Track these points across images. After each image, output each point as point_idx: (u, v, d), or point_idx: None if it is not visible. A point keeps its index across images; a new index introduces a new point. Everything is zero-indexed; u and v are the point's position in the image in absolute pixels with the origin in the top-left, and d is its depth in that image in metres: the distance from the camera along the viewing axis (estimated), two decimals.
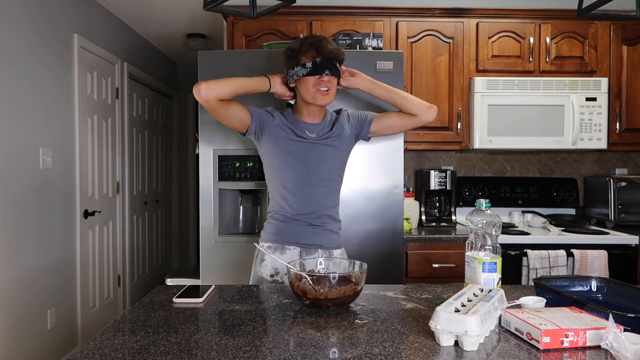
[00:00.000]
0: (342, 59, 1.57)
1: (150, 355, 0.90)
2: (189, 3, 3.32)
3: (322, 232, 1.62)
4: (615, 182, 2.71)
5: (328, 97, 1.54)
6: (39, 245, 2.59)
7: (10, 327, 2.34)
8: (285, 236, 1.61)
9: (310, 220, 1.61)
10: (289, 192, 1.60)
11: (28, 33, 2.49)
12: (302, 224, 1.60)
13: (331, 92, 1.55)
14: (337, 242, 1.68)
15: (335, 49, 1.53)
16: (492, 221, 1.26)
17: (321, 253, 1.62)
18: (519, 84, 2.61)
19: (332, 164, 1.63)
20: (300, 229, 1.61)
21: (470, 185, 2.95)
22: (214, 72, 2.13)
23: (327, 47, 1.51)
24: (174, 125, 5.24)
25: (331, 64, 1.52)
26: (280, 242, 1.61)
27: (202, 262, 2.16)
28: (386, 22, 2.69)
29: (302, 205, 1.60)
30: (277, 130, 1.59)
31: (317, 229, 1.62)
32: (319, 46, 1.51)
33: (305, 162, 1.59)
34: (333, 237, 1.66)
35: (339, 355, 0.90)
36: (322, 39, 1.53)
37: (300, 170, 1.59)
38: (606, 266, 2.32)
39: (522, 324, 0.97)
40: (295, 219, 1.60)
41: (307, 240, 1.61)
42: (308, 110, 1.61)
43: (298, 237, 1.61)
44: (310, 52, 1.51)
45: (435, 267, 2.37)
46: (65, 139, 2.85)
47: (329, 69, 1.51)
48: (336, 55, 1.54)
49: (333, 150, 1.62)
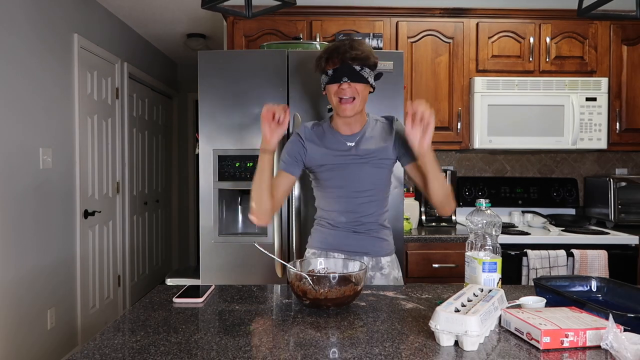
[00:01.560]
0: (371, 62, 1.45)
1: (150, 355, 0.90)
2: (189, 3, 3.32)
3: (367, 239, 1.56)
4: (615, 182, 2.71)
5: (350, 108, 1.45)
6: (39, 245, 2.59)
7: (10, 327, 2.34)
8: (330, 244, 1.57)
9: (355, 228, 1.55)
10: (330, 202, 1.57)
11: (28, 33, 2.49)
12: (345, 232, 1.56)
13: (356, 102, 1.45)
14: (386, 249, 1.60)
15: (359, 54, 1.42)
16: (492, 221, 1.26)
17: (367, 260, 1.56)
18: (519, 84, 2.61)
19: (371, 174, 1.54)
20: (345, 236, 1.56)
21: (470, 185, 2.95)
22: (214, 72, 2.13)
23: (349, 51, 1.41)
24: (174, 125, 5.24)
25: (351, 69, 1.42)
26: (324, 249, 1.58)
27: (202, 262, 2.16)
28: (386, 22, 2.69)
29: (344, 214, 1.55)
30: (312, 153, 1.54)
31: (362, 235, 1.56)
32: (339, 51, 1.41)
33: (342, 174, 1.53)
34: (381, 244, 1.59)
35: (339, 355, 0.90)
36: (345, 43, 1.43)
37: (339, 181, 1.54)
38: (606, 266, 2.32)
39: (522, 324, 0.97)
40: (338, 226, 1.56)
41: (351, 248, 1.56)
42: (341, 120, 1.53)
43: (342, 245, 1.56)
44: (332, 59, 1.43)
45: (435, 267, 2.37)
46: (65, 139, 2.85)
47: (348, 75, 1.41)
48: (361, 60, 1.42)
49: (368, 163, 1.53)
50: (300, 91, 2.14)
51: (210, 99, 2.14)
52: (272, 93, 2.14)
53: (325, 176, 1.56)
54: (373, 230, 1.57)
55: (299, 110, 2.14)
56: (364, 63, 1.44)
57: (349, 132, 1.55)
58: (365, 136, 1.55)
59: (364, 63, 1.44)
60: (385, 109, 2.13)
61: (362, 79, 1.44)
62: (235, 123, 2.14)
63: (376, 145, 1.54)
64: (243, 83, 2.13)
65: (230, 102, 2.14)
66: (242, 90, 2.14)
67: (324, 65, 1.45)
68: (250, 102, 2.14)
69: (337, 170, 1.54)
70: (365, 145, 1.54)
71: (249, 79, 2.13)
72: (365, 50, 1.44)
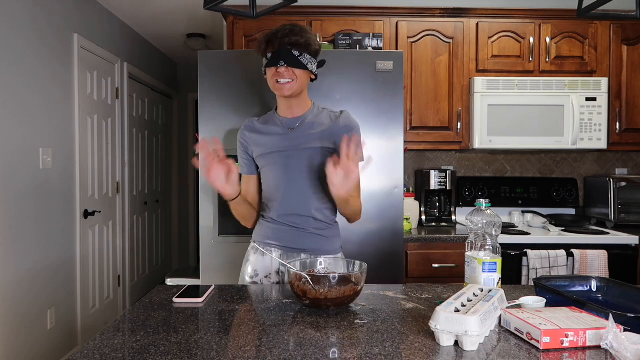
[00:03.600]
0: (311, 50, 1.45)
1: (150, 355, 0.90)
2: (189, 3, 3.32)
3: (305, 235, 1.52)
4: (615, 182, 2.71)
5: (288, 87, 1.44)
6: (39, 245, 2.59)
7: (10, 327, 2.34)
8: (269, 238, 1.56)
9: (292, 222, 1.53)
10: (268, 192, 1.56)
11: (28, 33, 2.49)
12: (282, 226, 1.53)
13: (294, 84, 1.44)
14: (327, 248, 1.55)
15: (297, 39, 1.42)
16: (492, 221, 1.26)
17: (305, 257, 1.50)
18: (519, 84, 2.61)
19: (311, 161, 1.50)
20: (283, 230, 1.53)
21: (470, 185, 2.95)
22: (214, 72, 2.13)
23: (288, 37, 1.41)
24: (174, 125, 5.24)
25: (288, 53, 1.42)
26: (263, 243, 1.56)
27: (202, 262, 2.16)
28: (386, 22, 2.69)
29: (281, 205, 1.52)
30: (254, 141, 1.56)
31: (300, 232, 1.52)
32: (277, 36, 1.42)
33: (279, 159, 1.51)
34: (322, 242, 1.54)
35: (339, 355, 0.90)
36: (285, 29, 1.44)
37: (275, 168, 1.52)
38: (606, 266, 2.32)
39: (522, 324, 0.97)
40: (276, 219, 1.54)
41: (288, 243, 1.53)
42: (282, 103, 1.54)
43: (279, 240, 1.54)
44: (271, 42, 1.44)
45: (435, 267, 2.37)
46: (65, 139, 2.85)
47: (284, 59, 1.42)
48: (299, 45, 1.43)
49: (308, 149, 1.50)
50: None
51: (210, 99, 2.14)
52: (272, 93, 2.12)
53: (263, 162, 1.54)
54: (312, 226, 1.52)
55: None
56: (303, 49, 1.44)
57: (290, 115, 1.54)
58: (307, 121, 1.53)
59: (303, 49, 1.44)
60: (385, 109, 2.13)
61: (299, 64, 1.44)
62: (236, 123, 2.14)
63: (320, 131, 1.50)
64: (243, 83, 2.13)
65: (230, 102, 2.14)
66: (242, 90, 2.14)
67: (264, 48, 1.46)
68: (250, 102, 2.14)
69: (275, 155, 1.51)
70: (306, 129, 1.51)
71: (249, 79, 2.13)
72: (305, 37, 1.44)
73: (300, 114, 1.54)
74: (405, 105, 2.63)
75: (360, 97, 2.13)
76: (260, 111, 2.13)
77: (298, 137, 1.51)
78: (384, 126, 2.14)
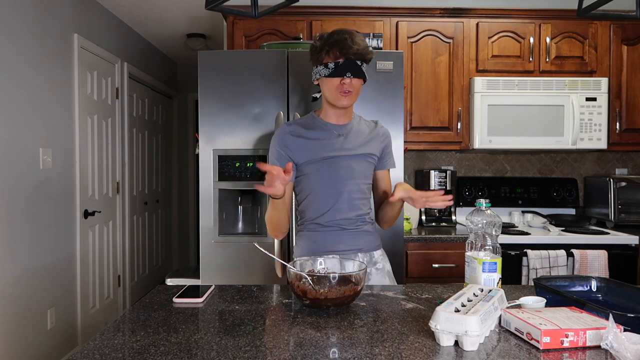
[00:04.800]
0: (368, 58, 1.47)
1: (150, 355, 0.90)
2: (189, 3, 3.32)
3: (358, 234, 1.55)
4: (615, 182, 2.71)
5: (350, 99, 1.47)
6: (39, 245, 2.59)
7: (10, 327, 2.34)
8: (321, 245, 1.54)
9: (344, 225, 1.54)
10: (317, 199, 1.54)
11: (28, 33, 2.49)
12: (336, 230, 1.54)
13: (354, 94, 1.47)
14: (376, 243, 1.61)
15: (361, 49, 1.42)
16: (492, 221, 1.26)
17: (362, 257, 1.55)
18: (519, 84, 2.61)
19: (359, 167, 1.55)
20: (337, 235, 1.54)
21: (470, 185, 2.95)
22: (214, 72, 2.13)
23: (352, 47, 1.41)
24: (174, 125, 5.24)
25: (354, 65, 1.43)
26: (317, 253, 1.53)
27: (202, 262, 2.16)
28: (386, 22, 2.69)
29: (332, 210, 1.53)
30: (299, 147, 1.52)
31: (353, 232, 1.55)
32: (343, 46, 1.41)
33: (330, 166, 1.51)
34: (371, 239, 1.59)
35: (339, 355, 0.90)
36: (346, 38, 1.42)
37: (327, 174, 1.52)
38: (606, 266, 2.32)
39: (522, 324, 0.97)
40: (328, 225, 1.54)
41: (345, 246, 1.54)
42: (333, 110, 1.53)
43: (334, 245, 1.54)
44: (333, 51, 1.42)
45: (435, 267, 2.37)
46: (65, 139, 2.85)
47: (351, 71, 1.42)
48: (362, 55, 1.44)
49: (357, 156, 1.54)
50: (300, 91, 2.14)
51: (210, 99, 2.14)
52: (272, 93, 2.14)
53: (310, 169, 1.52)
54: (362, 225, 1.57)
55: (299, 110, 2.13)
56: (364, 59, 1.46)
57: (336, 122, 1.55)
58: (354, 129, 1.56)
59: (364, 59, 1.46)
60: (386, 109, 2.13)
61: (362, 74, 1.47)
62: (236, 123, 2.14)
63: (364, 139, 1.56)
64: (243, 83, 2.13)
65: (230, 102, 2.14)
66: (242, 90, 2.14)
67: (324, 57, 1.44)
68: (250, 102, 2.14)
69: (326, 162, 1.51)
70: (353, 137, 1.55)
71: (249, 79, 2.13)
72: (364, 45, 1.45)
73: (347, 122, 1.56)
74: (405, 105, 2.63)
75: (360, 97, 2.10)
76: (260, 111, 2.13)
77: (348, 144, 1.53)
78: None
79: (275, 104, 2.14)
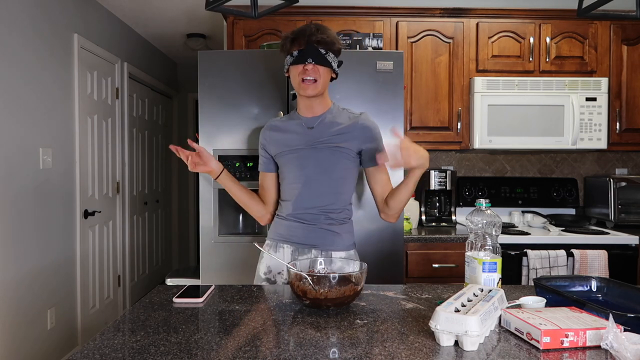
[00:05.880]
0: (336, 48, 1.48)
1: (150, 355, 0.90)
2: (189, 3, 3.32)
3: (316, 230, 1.54)
4: (615, 182, 2.71)
5: (314, 88, 1.47)
6: (39, 245, 2.59)
7: (10, 327, 2.34)
8: (280, 235, 1.59)
9: (303, 218, 1.56)
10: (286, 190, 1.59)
11: (28, 33, 2.49)
12: (294, 222, 1.56)
13: (319, 83, 1.47)
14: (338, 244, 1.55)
15: (325, 37, 1.44)
16: (492, 221, 1.26)
17: (315, 253, 1.54)
18: (519, 84, 2.61)
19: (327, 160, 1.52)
20: (294, 226, 1.56)
21: (470, 185, 2.95)
22: (214, 72, 2.13)
23: (316, 34, 1.44)
24: (174, 125, 5.24)
25: (317, 52, 1.44)
26: (276, 240, 1.60)
27: (202, 262, 2.16)
28: (386, 22, 2.69)
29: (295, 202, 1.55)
30: (272, 139, 1.59)
31: (311, 227, 1.54)
32: (306, 33, 1.44)
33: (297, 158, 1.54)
34: (332, 238, 1.55)
35: (339, 355, 0.90)
36: (311, 27, 1.46)
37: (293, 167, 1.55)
38: (606, 266, 2.32)
39: (522, 324, 0.97)
40: (289, 217, 1.57)
41: (299, 239, 1.55)
42: (303, 102, 1.55)
43: (291, 236, 1.57)
44: (298, 40, 1.46)
45: (435, 267, 2.37)
46: (65, 139, 2.85)
47: (313, 57, 1.44)
48: (326, 44, 1.45)
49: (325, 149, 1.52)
50: None
51: (210, 99, 2.14)
52: (272, 93, 2.14)
53: (282, 160, 1.57)
54: (325, 221, 1.54)
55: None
56: (329, 47, 1.47)
57: (310, 114, 1.56)
58: (326, 121, 1.55)
59: (329, 47, 1.47)
60: (386, 109, 2.13)
61: (326, 62, 1.47)
62: (236, 123, 2.14)
63: (337, 130, 1.52)
64: (243, 83, 2.13)
65: (230, 102, 2.14)
66: (242, 90, 2.14)
67: (289, 46, 1.48)
68: (250, 102, 2.14)
69: (292, 153, 1.54)
70: (324, 128, 1.54)
71: (249, 79, 2.13)
72: (330, 36, 1.47)
73: (320, 114, 1.56)
74: (405, 105, 2.63)
75: (360, 97, 2.13)
76: (260, 111, 2.14)
77: (316, 136, 1.53)
78: (384, 126, 2.13)
79: (275, 104, 2.14)
